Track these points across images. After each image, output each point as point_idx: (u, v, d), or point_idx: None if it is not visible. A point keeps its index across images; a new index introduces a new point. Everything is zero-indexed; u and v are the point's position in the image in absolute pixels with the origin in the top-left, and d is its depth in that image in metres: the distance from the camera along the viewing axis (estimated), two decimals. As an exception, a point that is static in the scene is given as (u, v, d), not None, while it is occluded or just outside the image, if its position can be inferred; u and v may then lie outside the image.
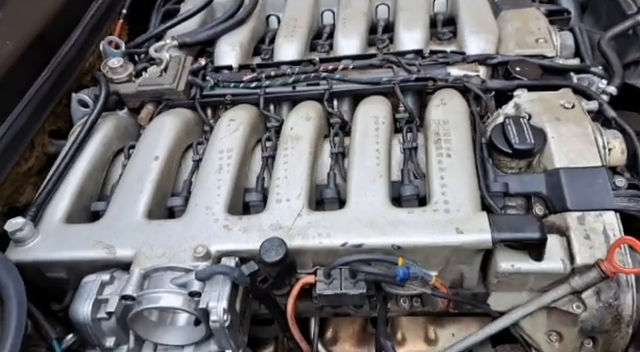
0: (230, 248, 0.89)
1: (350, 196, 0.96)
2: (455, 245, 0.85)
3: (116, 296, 0.81)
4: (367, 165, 1.00)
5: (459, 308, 1.00)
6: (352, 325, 1.24)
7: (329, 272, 0.88)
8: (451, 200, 0.91)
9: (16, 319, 0.67)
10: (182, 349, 0.90)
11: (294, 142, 1.07)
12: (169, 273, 0.85)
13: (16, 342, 0.65)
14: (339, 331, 1.23)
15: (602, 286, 0.85)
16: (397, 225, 0.89)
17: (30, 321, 0.76)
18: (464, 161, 0.97)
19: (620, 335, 0.88)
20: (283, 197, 0.97)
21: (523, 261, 0.87)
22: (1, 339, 0.66)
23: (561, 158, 0.96)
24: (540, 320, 0.94)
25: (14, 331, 0.65)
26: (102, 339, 0.83)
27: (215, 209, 0.96)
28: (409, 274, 0.83)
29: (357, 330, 1.24)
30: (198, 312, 0.82)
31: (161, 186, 1.02)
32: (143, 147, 1.08)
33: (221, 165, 1.04)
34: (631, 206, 0.90)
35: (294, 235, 0.90)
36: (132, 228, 0.92)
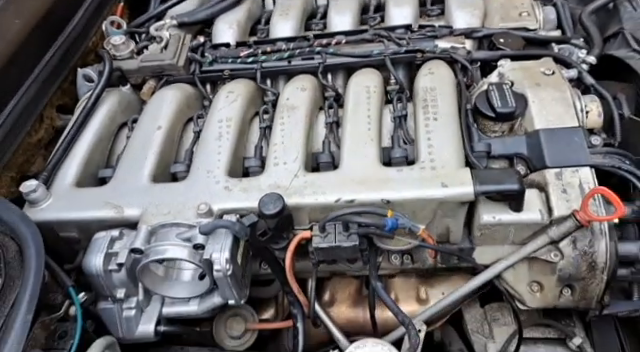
0: (231, 206, 0.95)
1: (343, 158, 1.02)
2: (440, 198, 0.91)
3: (125, 249, 0.87)
4: (359, 130, 1.06)
5: (446, 263, 1.07)
6: (348, 288, 1.30)
7: (324, 226, 0.94)
8: (437, 159, 0.97)
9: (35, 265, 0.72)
10: (188, 301, 0.96)
11: (290, 111, 1.13)
12: (174, 229, 0.91)
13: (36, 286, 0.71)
14: (336, 293, 1.29)
15: (578, 235, 0.92)
16: (387, 182, 0.95)
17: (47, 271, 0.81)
18: (450, 124, 1.03)
19: (595, 282, 0.94)
20: (280, 160, 1.03)
21: (504, 213, 0.93)
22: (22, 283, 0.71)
23: (541, 120, 1.02)
24: (522, 271, 1.01)
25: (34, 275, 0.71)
26: (113, 290, 0.89)
27: (216, 173, 1.02)
28: (397, 224, 0.90)
29: (353, 292, 1.30)
30: (202, 263, 0.88)
31: (164, 153, 1.08)
32: (146, 118, 1.14)
33: (221, 133, 1.10)
34: (606, 162, 0.96)
35: (291, 194, 0.96)
36: (138, 190, 0.98)
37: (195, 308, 0.96)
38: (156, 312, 0.94)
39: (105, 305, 0.90)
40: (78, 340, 0.75)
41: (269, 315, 1.24)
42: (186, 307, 0.96)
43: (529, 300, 1.02)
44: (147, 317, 0.93)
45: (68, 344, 0.75)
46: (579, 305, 0.99)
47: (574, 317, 1.14)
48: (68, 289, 0.82)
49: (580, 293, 0.96)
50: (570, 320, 1.14)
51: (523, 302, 1.03)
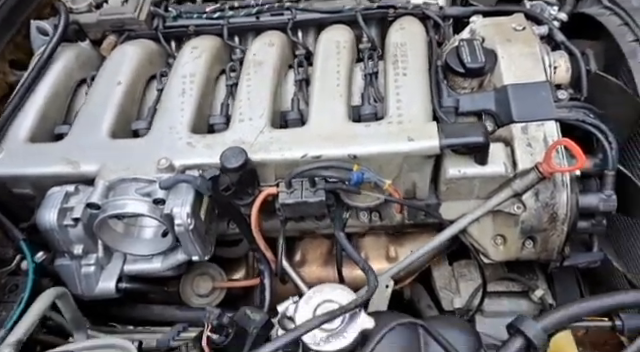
0: (194, 162, 0.93)
1: (311, 114, 1.00)
2: (406, 151, 0.91)
3: (81, 204, 0.84)
4: (328, 85, 1.04)
5: (413, 219, 1.07)
6: (319, 248, 1.30)
7: (290, 181, 0.93)
8: (405, 114, 0.96)
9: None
10: (151, 259, 0.95)
11: (257, 67, 1.10)
12: (133, 184, 0.88)
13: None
14: (307, 254, 1.29)
15: (540, 187, 0.92)
16: (354, 137, 0.94)
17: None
18: (419, 79, 1.02)
19: (556, 233, 0.96)
20: (246, 116, 1.01)
21: (469, 166, 0.93)
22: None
23: (509, 76, 1.01)
24: (486, 225, 1.02)
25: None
26: (70, 246, 0.87)
27: (179, 128, 0.99)
28: (363, 178, 0.89)
29: (324, 253, 1.30)
30: (163, 218, 0.86)
31: (125, 110, 1.04)
32: (106, 73, 1.09)
33: (184, 89, 1.06)
34: (570, 116, 0.96)
35: (257, 150, 0.94)
36: (96, 145, 0.95)
37: (158, 265, 0.95)
38: (117, 269, 0.92)
39: (62, 261, 0.88)
40: (29, 293, 0.73)
41: (240, 276, 1.23)
42: (149, 264, 0.94)
43: (493, 253, 1.03)
44: (108, 274, 0.91)
45: (19, 297, 0.73)
46: (540, 257, 1.01)
47: (537, 271, 1.17)
48: (19, 243, 0.79)
49: (541, 245, 0.98)
50: (533, 274, 1.17)
51: (487, 255, 1.05)
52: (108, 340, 0.70)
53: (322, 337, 0.62)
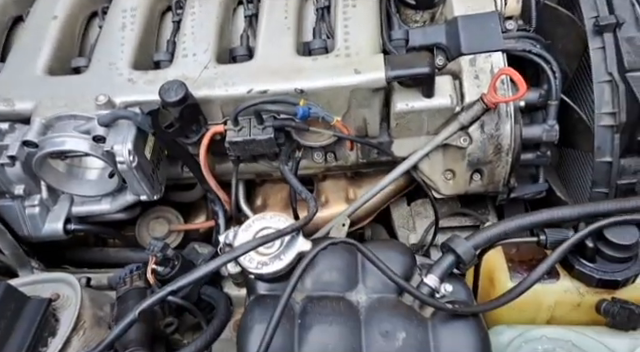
0: (135, 99, 0.90)
1: (257, 47, 0.97)
2: (353, 84, 0.90)
3: (17, 142, 0.81)
4: (275, 18, 1.00)
5: (366, 157, 1.08)
6: (280, 193, 1.30)
7: (236, 117, 0.91)
8: (352, 46, 0.94)
9: None
10: (100, 200, 0.93)
11: (202, 1, 1.05)
12: (72, 122, 0.85)
13: None
14: (267, 199, 1.29)
15: (485, 119, 0.93)
16: (301, 71, 0.92)
17: None
18: (368, 11, 0.99)
19: (501, 165, 0.98)
20: (189, 52, 0.97)
21: (416, 99, 0.93)
22: None
23: (460, 7, 0.99)
24: (436, 161, 1.03)
25: None
26: (9, 186, 0.84)
27: (119, 64, 0.95)
28: (310, 113, 0.88)
29: (284, 197, 1.30)
30: (104, 156, 0.84)
31: (62, 45, 0.99)
32: (41, 7, 1.03)
33: (124, 23, 1.01)
34: (517, 46, 0.96)
35: (200, 85, 0.91)
36: (31, 82, 0.91)
37: (108, 207, 0.94)
38: (64, 210, 0.91)
39: (4, 202, 0.86)
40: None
41: (200, 221, 1.24)
42: (98, 206, 0.93)
43: (443, 188, 1.06)
44: (54, 215, 0.90)
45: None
46: (488, 189, 1.04)
47: (488, 206, 1.21)
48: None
49: (488, 177, 1.01)
50: (485, 209, 1.21)
51: (438, 190, 1.07)
52: (50, 274, 0.70)
53: (261, 261, 0.64)
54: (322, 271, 0.66)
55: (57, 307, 0.63)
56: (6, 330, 0.56)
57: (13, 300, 0.59)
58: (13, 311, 0.58)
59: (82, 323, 0.62)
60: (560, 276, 0.73)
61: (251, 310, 0.62)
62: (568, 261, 0.71)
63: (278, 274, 0.62)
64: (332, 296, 0.64)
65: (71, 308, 0.63)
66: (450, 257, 0.68)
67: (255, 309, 0.62)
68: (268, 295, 0.64)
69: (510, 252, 0.77)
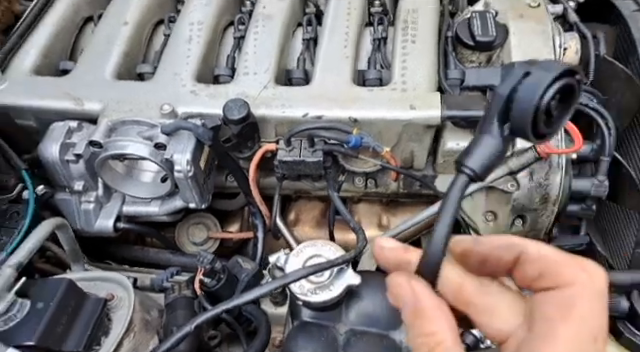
0: (196, 111, 0.93)
1: (315, 73, 1.00)
2: (407, 119, 0.91)
3: (84, 141, 0.85)
4: (335, 46, 1.03)
5: (408, 188, 1.09)
6: (313, 210, 1.33)
7: (289, 139, 0.94)
8: (409, 81, 0.96)
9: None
10: (149, 202, 0.97)
11: (266, 20, 1.08)
12: (136, 127, 0.89)
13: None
14: (300, 215, 1.32)
15: (535, 167, 0.94)
16: (356, 101, 0.94)
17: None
18: (427, 48, 1.01)
19: (546, 214, 0.98)
20: (251, 70, 1.00)
21: (468, 140, 0.94)
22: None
23: (518, 53, 1.00)
24: (479, 201, 1.04)
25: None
26: (70, 181, 0.88)
27: (183, 75, 0.98)
28: (362, 142, 0.90)
29: (317, 215, 1.33)
30: (163, 163, 0.87)
31: (130, 51, 1.03)
32: (112, 12, 1.07)
33: (191, 36, 1.05)
34: (574, 98, 0.96)
35: (259, 104, 0.94)
36: (100, 84, 0.95)
37: (156, 209, 0.97)
38: (116, 209, 0.94)
39: (63, 196, 0.90)
40: (30, 220, 0.75)
41: (234, 230, 1.26)
42: (147, 207, 0.97)
43: (483, 229, 1.06)
44: (106, 212, 0.93)
45: (20, 224, 0.75)
46: (528, 236, 1.03)
47: (523, 250, 1.20)
48: (21, 172, 0.81)
49: (531, 224, 1.01)
50: (519, 253, 1.21)
51: (477, 231, 1.07)
52: (105, 273, 0.73)
53: (310, 288, 0.65)
54: (366, 306, 0.67)
55: (111, 307, 0.66)
56: (67, 326, 0.59)
57: (74, 297, 0.61)
58: (73, 308, 0.61)
59: (133, 326, 0.64)
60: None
61: (295, 337, 0.63)
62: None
63: (326, 305, 0.64)
64: (375, 333, 0.65)
65: (124, 310, 0.65)
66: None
67: (299, 336, 0.63)
68: (312, 323, 0.65)
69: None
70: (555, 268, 0.35)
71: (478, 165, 0.37)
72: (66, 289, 0.61)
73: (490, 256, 0.37)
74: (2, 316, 0.56)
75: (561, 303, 0.34)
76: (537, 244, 0.36)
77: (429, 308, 0.35)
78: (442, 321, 0.35)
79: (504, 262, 0.37)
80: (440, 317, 0.35)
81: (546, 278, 0.35)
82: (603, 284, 0.35)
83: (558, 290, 0.34)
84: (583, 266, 0.35)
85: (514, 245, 0.36)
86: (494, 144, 0.37)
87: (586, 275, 0.34)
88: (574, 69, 0.37)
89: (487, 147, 0.38)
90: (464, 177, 0.37)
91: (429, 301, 0.36)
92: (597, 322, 0.34)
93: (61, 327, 0.58)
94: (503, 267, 0.37)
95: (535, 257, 0.35)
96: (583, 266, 0.35)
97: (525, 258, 0.36)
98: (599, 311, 0.34)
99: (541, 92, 0.35)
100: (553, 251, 0.36)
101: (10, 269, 0.59)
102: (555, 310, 0.33)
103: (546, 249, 0.36)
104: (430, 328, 0.35)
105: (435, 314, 0.35)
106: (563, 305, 0.33)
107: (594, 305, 0.34)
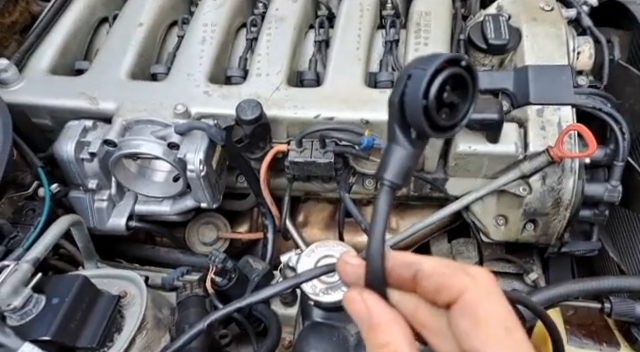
0: (209, 111, 0.94)
1: (327, 75, 1.00)
2: (419, 121, 0.91)
3: (98, 140, 0.86)
4: (347, 48, 1.04)
5: (419, 191, 1.09)
6: (322, 212, 1.33)
7: (301, 140, 0.94)
8: (422, 83, 0.96)
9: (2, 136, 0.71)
10: (161, 201, 0.97)
11: (279, 22, 1.09)
12: (149, 126, 0.90)
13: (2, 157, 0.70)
14: (309, 216, 1.32)
15: (548, 171, 0.93)
16: (368, 102, 0.95)
17: (16, 150, 0.81)
18: (439, 50, 1.01)
19: (558, 218, 0.97)
20: (263, 72, 1.01)
21: (480, 143, 0.93)
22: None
23: (531, 56, 1.00)
24: (490, 204, 1.03)
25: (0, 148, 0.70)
26: (85, 180, 0.89)
27: (197, 76, 0.99)
28: (373, 144, 0.90)
29: (326, 217, 1.33)
30: (176, 162, 0.88)
31: (145, 52, 1.05)
32: (128, 13, 1.09)
33: (204, 37, 1.06)
34: (588, 103, 0.96)
35: (271, 105, 0.95)
36: (115, 84, 0.96)
37: (167, 209, 0.98)
38: (128, 208, 0.95)
39: (77, 194, 0.90)
40: (45, 217, 0.76)
41: (243, 230, 1.26)
42: (159, 207, 0.97)
43: (493, 233, 1.05)
44: (119, 211, 0.94)
45: (36, 220, 0.76)
46: (539, 240, 1.03)
47: (534, 256, 1.19)
48: (37, 170, 0.82)
49: (542, 228, 1.00)
50: (530, 258, 1.20)
51: (488, 234, 1.07)
52: (118, 271, 0.73)
53: (321, 288, 0.65)
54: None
55: (123, 304, 0.66)
56: (81, 321, 0.59)
57: (88, 293, 0.62)
58: (87, 304, 0.61)
59: (145, 323, 0.65)
60: (620, 347, 0.72)
61: (306, 337, 0.63)
62: (631, 333, 0.70)
63: (337, 305, 0.63)
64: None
65: (136, 307, 0.66)
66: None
67: (310, 336, 0.63)
68: (324, 323, 0.65)
69: (567, 314, 0.76)
70: (446, 281, 0.37)
71: (394, 174, 0.39)
72: (81, 285, 0.62)
73: (392, 273, 0.39)
74: (19, 311, 0.57)
75: (465, 313, 0.35)
76: (431, 260, 0.38)
77: (382, 319, 0.37)
78: (396, 331, 0.36)
79: (405, 279, 0.38)
80: (394, 327, 0.36)
81: (442, 292, 0.37)
82: (487, 280, 0.37)
83: (457, 302, 0.36)
84: (466, 271, 0.37)
85: (411, 263, 0.38)
86: (403, 151, 0.39)
87: (470, 278, 0.36)
88: (456, 57, 0.37)
89: (398, 156, 0.39)
90: (386, 189, 0.39)
91: (382, 313, 0.37)
92: (500, 315, 0.35)
93: (75, 323, 0.59)
94: (407, 283, 0.39)
95: (429, 273, 0.37)
96: (466, 271, 0.37)
97: (421, 275, 0.38)
98: (496, 304, 0.36)
99: (423, 90, 0.36)
100: (443, 264, 0.38)
101: (27, 264, 0.59)
102: (465, 322, 0.35)
103: (438, 263, 0.38)
104: (385, 338, 0.36)
105: (388, 325, 0.36)
106: (468, 314, 0.35)
107: (489, 302, 0.35)
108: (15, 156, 0.80)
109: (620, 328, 0.78)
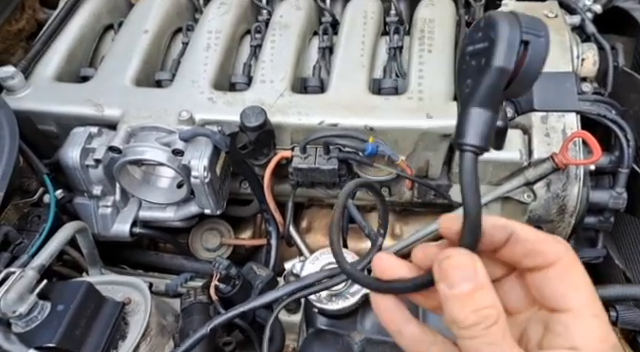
0: (213, 118, 0.94)
1: (331, 81, 1.01)
2: (423, 128, 0.91)
3: (104, 146, 0.86)
4: (351, 55, 1.04)
5: (423, 197, 1.09)
6: (325, 218, 1.33)
7: (304, 146, 0.94)
8: (426, 90, 0.96)
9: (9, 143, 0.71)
10: (165, 208, 0.98)
11: (283, 29, 1.10)
12: (154, 133, 0.90)
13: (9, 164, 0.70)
14: (313, 222, 1.31)
15: (553, 178, 0.93)
16: (372, 109, 0.95)
17: (21, 156, 0.81)
18: (444, 57, 1.01)
19: (563, 226, 0.97)
20: (267, 78, 1.01)
21: (485, 150, 0.93)
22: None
23: (535, 63, 1.00)
24: (494, 211, 1.03)
25: (7, 153, 0.70)
26: (89, 186, 0.90)
27: (201, 83, 1.00)
28: (377, 150, 0.90)
29: (329, 223, 1.33)
30: (180, 169, 0.88)
31: (150, 59, 1.05)
32: (133, 20, 1.10)
33: (209, 44, 1.06)
34: (592, 109, 0.96)
35: (275, 112, 0.95)
36: (120, 91, 0.96)
37: (171, 215, 0.98)
38: (132, 214, 0.95)
39: (81, 200, 0.91)
40: (51, 223, 0.76)
41: (246, 236, 1.26)
42: (162, 213, 0.98)
43: (497, 239, 1.05)
44: (123, 217, 0.94)
45: (41, 227, 0.76)
46: (543, 247, 1.02)
47: (538, 262, 1.18)
48: (43, 176, 0.82)
49: (546, 235, 0.99)
50: (533, 265, 1.19)
51: (491, 241, 1.06)
52: (122, 277, 0.73)
53: (325, 296, 0.65)
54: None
55: (127, 311, 0.66)
56: (86, 328, 0.59)
57: (93, 300, 0.62)
58: (92, 310, 0.61)
59: (149, 330, 0.65)
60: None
61: (310, 344, 0.63)
62: (637, 341, 0.69)
63: (342, 312, 0.63)
64: (391, 342, 0.64)
65: (140, 314, 0.66)
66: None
67: (315, 343, 0.63)
68: (328, 330, 0.65)
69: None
70: (542, 246, 0.39)
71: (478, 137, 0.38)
72: (85, 292, 0.62)
73: (485, 234, 0.40)
74: (24, 318, 0.57)
75: (564, 277, 0.38)
76: (522, 226, 0.40)
77: (486, 281, 0.37)
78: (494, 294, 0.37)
79: (496, 240, 0.40)
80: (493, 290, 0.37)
81: (534, 257, 0.39)
82: (574, 252, 0.40)
83: (553, 267, 0.38)
84: (557, 240, 0.40)
85: (506, 226, 0.40)
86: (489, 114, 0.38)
87: (564, 247, 0.39)
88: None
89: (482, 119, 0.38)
90: (470, 155, 0.38)
91: (485, 274, 0.38)
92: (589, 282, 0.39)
93: (80, 329, 0.59)
94: (494, 245, 0.40)
95: (524, 237, 0.40)
96: (557, 240, 0.40)
97: (515, 238, 0.40)
98: (584, 273, 0.39)
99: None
100: (534, 231, 0.41)
101: (33, 271, 0.60)
102: (563, 285, 0.38)
103: (529, 229, 0.41)
104: (490, 300, 0.37)
105: (491, 287, 0.37)
106: (567, 279, 0.38)
107: (582, 270, 0.39)
108: (21, 163, 0.81)
109: (626, 337, 0.77)
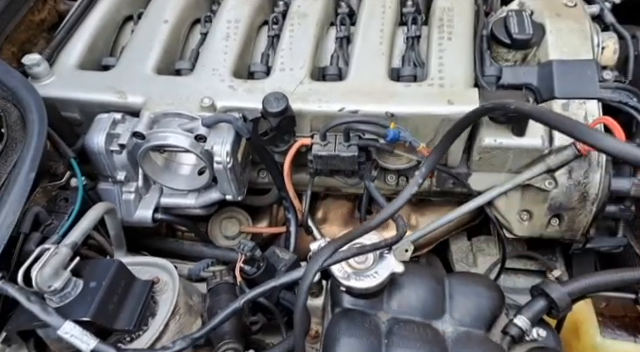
0: (234, 105, 0.95)
1: (351, 69, 1.01)
2: (444, 114, 0.91)
3: (128, 132, 0.87)
4: (370, 43, 1.04)
5: (441, 186, 1.08)
6: (341, 209, 1.33)
7: (325, 133, 0.95)
8: (446, 77, 0.96)
9: (38, 128, 0.73)
10: (186, 194, 0.98)
11: (301, 19, 1.10)
12: (177, 119, 0.91)
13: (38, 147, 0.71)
14: (328, 213, 1.32)
15: (574, 165, 0.93)
16: (393, 96, 0.95)
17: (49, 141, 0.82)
18: (463, 44, 1.01)
19: (584, 213, 0.97)
20: (287, 66, 1.02)
21: (505, 136, 0.93)
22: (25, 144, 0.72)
23: (556, 51, 1.00)
24: (514, 199, 1.03)
25: (37, 137, 0.72)
26: (114, 172, 0.90)
27: (222, 71, 1.01)
28: (399, 136, 0.90)
29: (345, 213, 1.33)
30: (203, 154, 0.89)
31: (170, 48, 1.06)
32: (153, 10, 1.11)
33: (228, 33, 1.07)
34: (614, 97, 0.95)
35: (295, 99, 0.95)
36: (142, 78, 0.97)
37: (193, 201, 0.98)
38: (154, 200, 0.96)
39: (105, 186, 0.92)
40: (79, 205, 0.77)
41: (263, 225, 1.27)
42: (184, 199, 0.98)
43: (517, 228, 1.05)
44: (145, 203, 0.95)
45: (69, 209, 0.77)
46: (564, 236, 1.02)
47: (557, 253, 1.18)
48: (70, 160, 0.83)
49: (567, 224, 0.99)
50: (553, 255, 1.19)
51: (511, 230, 1.06)
52: (150, 258, 0.74)
53: (351, 273, 0.65)
54: (409, 294, 0.67)
55: (156, 290, 0.67)
56: (118, 305, 0.60)
57: (124, 278, 0.63)
58: (123, 288, 0.62)
59: (178, 309, 0.65)
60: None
61: (338, 323, 0.63)
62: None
63: (369, 291, 0.63)
64: (418, 322, 0.64)
65: (169, 293, 0.66)
66: (542, 301, 0.67)
67: (342, 321, 0.63)
68: (354, 310, 0.65)
69: (600, 305, 0.75)
70: None
71: None
72: (117, 270, 0.62)
73: None
74: (59, 293, 0.58)
75: None
76: None
77: None
78: None
79: None
80: None
81: None
82: None
83: None
84: None
85: None
86: None
87: None
88: None
89: None
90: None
91: None
92: None
93: (112, 306, 0.60)
94: None
95: None
96: None
97: None
98: None
99: None
100: None
101: (66, 248, 0.60)
102: None
103: None
104: None
105: None
106: None
107: None
108: (48, 146, 0.82)
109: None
